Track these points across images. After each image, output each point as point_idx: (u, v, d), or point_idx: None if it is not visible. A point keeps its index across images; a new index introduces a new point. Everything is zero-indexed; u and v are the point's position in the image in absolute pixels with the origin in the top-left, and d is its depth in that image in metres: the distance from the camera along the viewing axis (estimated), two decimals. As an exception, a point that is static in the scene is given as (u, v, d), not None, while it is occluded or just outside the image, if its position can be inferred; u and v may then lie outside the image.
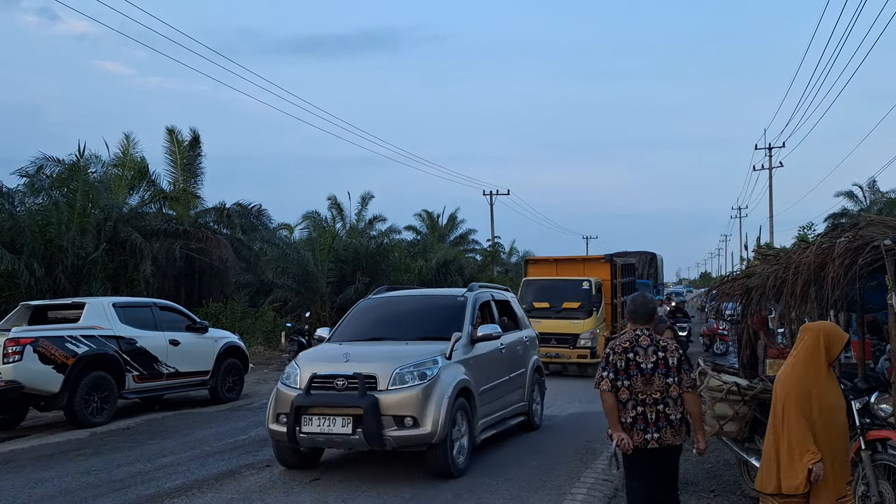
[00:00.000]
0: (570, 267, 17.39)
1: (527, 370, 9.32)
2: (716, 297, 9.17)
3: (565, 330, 15.51)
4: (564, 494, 6.45)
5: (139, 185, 20.69)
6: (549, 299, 16.03)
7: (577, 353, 15.47)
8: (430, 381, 6.86)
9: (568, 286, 16.21)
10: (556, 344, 15.45)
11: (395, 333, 7.96)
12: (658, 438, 4.53)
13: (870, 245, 5.13)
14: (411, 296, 9.47)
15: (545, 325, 14.87)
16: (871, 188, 32.39)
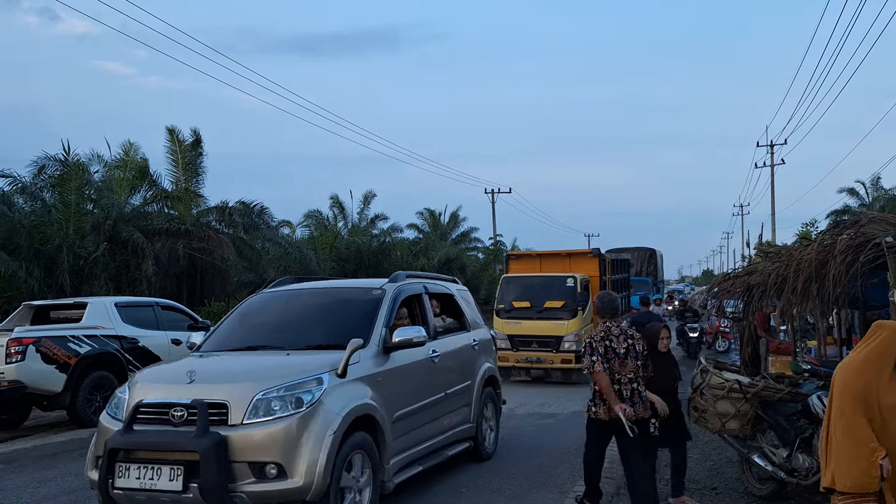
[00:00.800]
0: (555, 262, 15.99)
1: (474, 383, 7.45)
2: (717, 295, 9.16)
3: (547, 332, 14.04)
4: (566, 493, 6.45)
5: (141, 185, 20.71)
6: (530, 298, 14.53)
7: (561, 357, 13.97)
8: (308, 410, 4.87)
9: (550, 283, 14.65)
10: (538, 347, 14.09)
11: (281, 340, 5.99)
12: (633, 411, 5.49)
13: (871, 242, 5.13)
14: (315, 290, 7.16)
15: (525, 326, 14.15)
16: (875, 185, 32.31)
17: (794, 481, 5.65)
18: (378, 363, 5.73)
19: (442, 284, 7.92)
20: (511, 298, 14.65)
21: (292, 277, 7.63)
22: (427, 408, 6.38)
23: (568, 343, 13.90)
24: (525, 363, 14.14)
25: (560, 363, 13.95)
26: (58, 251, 16.04)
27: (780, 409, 5.93)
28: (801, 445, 5.62)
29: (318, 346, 5.75)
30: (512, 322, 14.28)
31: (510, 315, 14.41)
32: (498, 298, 14.88)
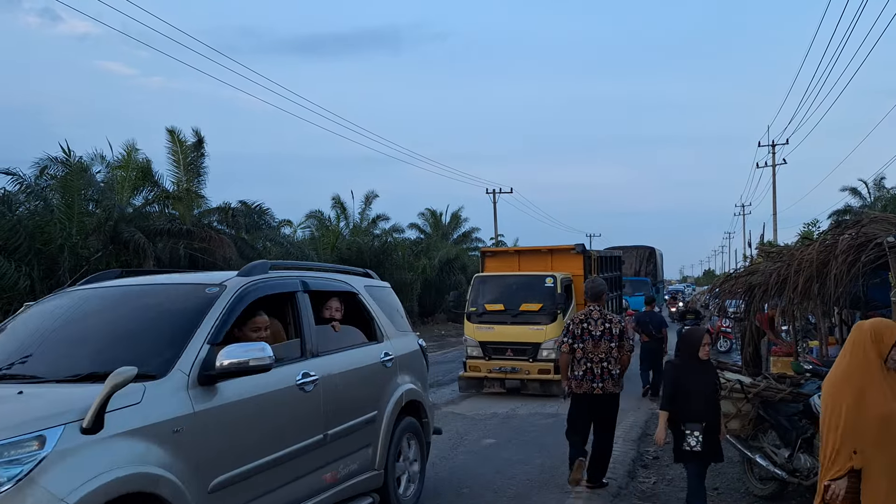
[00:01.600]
0: (535, 260, 14.24)
1: (383, 414, 5.46)
2: (719, 295, 9.15)
3: (523, 338, 12.50)
4: (568, 493, 6.44)
5: (143, 186, 20.72)
6: (505, 300, 12.96)
7: (539, 366, 12.34)
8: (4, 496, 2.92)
9: (527, 283, 13.03)
10: (513, 356, 12.55)
11: (40, 366, 4.00)
12: (602, 387, 6.43)
13: (873, 242, 5.12)
14: (129, 289, 4.84)
15: (499, 332, 12.68)
16: (877, 185, 32.24)
17: (795, 481, 5.64)
18: (184, 402, 3.69)
19: (336, 279, 5.77)
20: (483, 301, 13.09)
21: (119, 271, 5.35)
22: (289, 459, 4.37)
23: (546, 351, 12.27)
24: (498, 373, 12.61)
25: (537, 373, 12.34)
26: (59, 252, 16.05)
27: (782, 409, 5.92)
28: (803, 445, 5.61)
29: (91, 375, 3.67)
30: (484, 327, 12.84)
31: (482, 319, 12.91)
32: (469, 300, 13.29)
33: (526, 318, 12.55)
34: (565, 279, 13.01)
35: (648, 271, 30.33)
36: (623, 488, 6.68)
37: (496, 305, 12.88)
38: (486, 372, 12.68)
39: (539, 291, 12.66)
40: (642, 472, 7.34)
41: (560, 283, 12.67)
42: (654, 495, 6.49)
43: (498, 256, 15.05)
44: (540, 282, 12.82)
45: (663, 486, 6.80)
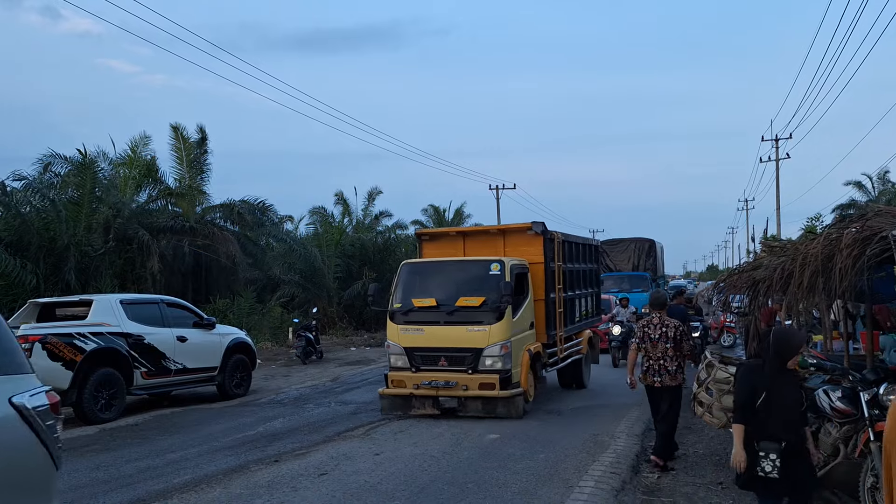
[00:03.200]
0: (485, 243, 11.41)
1: None
2: (723, 290, 9.13)
3: (460, 343, 9.84)
4: (572, 487, 6.45)
5: (146, 183, 20.76)
6: (439, 293, 10.22)
7: (481, 380, 9.68)
8: None
9: (467, 272, 10.43)
10: (448, 366, 9.92)
11: None
12: (660, 381, 7.46)
13: (878, 236, 5.09)
14: None
15: (430, 335, 10.07)
16: (882, 178, 32.16)
17: (800, 476, 5.62)
18: None
19: None
20: (411, 294, 10.36)
21: None
22: None
23: (491, 359, 9.69)
24: (429, 389, 9.90)
25: (478, 389, 9.71)
26: (66, 249, 16.09)
27: (787, 403, 5.91)
28: (808, 440, 5.59)
29: None
30: (411, 329, 10.17)
31: (409, 319, 10.20)
32: (393, 295, 10.57)
33: (464, 316, 9.93)
34: (517, 266, 10.39)
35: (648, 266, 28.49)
36: (627, 483, 6.69)
37: (426, 300, 10.13)
38: (411, 388, 10.00)
39: (482, 282, 10.02)
40: (646, 467, 7.34)
41: (509, 270, 9.99)
42: (658, 490, 6.49)
43: (438, 240, 11.89)
44: (483, 269, 10.14)
45: (667, 480, 6.80)
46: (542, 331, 11.05)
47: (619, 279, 26.10)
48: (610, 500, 6.11)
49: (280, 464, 7.57)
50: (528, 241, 11.16)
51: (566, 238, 12.18)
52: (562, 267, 11.61)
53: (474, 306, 9.91)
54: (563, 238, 11.89)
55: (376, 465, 7.36)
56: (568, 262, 12.06)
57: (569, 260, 12.14)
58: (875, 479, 4.82)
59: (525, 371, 10.14)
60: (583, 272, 13.18)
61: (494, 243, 11.34)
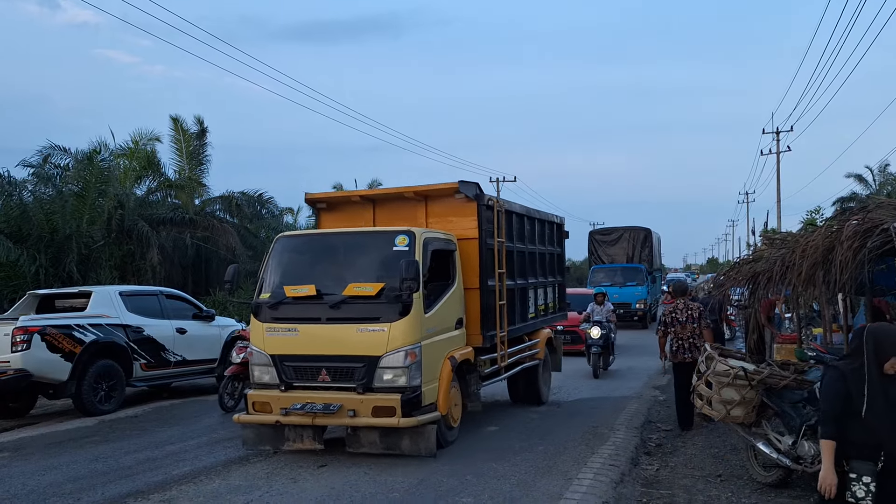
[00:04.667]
0: (401, 212, 8.58)
1: None
2: (723, 283, 9.12)
3: (347, 348, 7.12)
4: (571, 479, 6.45)
5: (146, 175, 20.75)
6: (322, 278, 7.48)
7: (376, 402, 6.93)
8: None
9: (362, 248, 7.68)
10: (331, 382, 7.18)
11: None
12: (691, 356, 8.35)
13: (879, 228, 5.08)
14: None
15: (306, 337, 7.25)
16: (882, 171, 32.10)
17: (799, 469, 5.64)
18: None
19: None
20: (285, 280, 7.55)
21: None
22: None
23: (390, 372, 6.93)
24: (302, 415, 7.04)
25: (371, 415, 6.90)
26: (67, 240, 16.09)
27: (786, 396, 5.91)
28: (807, 433, 5.59)
29: None
30: (281, 329, 7.33)
31: (279, 315, 7.40)
32: (259, 280, 7.81)
33: (355, 310, 7.11)
34: (436, 241, 7.69)
35: (643, 257, 26.20)
36: (626, 475, 6.69)
37: (302, 288, 7.31)
38: (278, 413, 7.13)
39: (384, 263, 7.32)
40: (645, 459, 7.34)
41: (422, 246, 7.28)
42: (657, 482, 6.49)
43: (339, 208, 8.98)
44: (384, 245, 7.41)
45: (666, 472, 6.80)
46: (475, 331, 8.22)
47: (612, 272, 24.55)
48: (609, 491, 6.11)
49: (279, 455, 7.57)
50: (457, 210, 8.35)
51: (513, 209, 9.42)
52: (506, 246, 8.86)
53: (369, 296, 7.02)
54: (507, 208, 9.11)
55: (375, 458, 7.35)
56: (518, 240, 9.52)
57: (519, 238, 9.59)
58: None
59: (445, 387, 7.34)
60: (540, 256, 10.51)
61: (414, 212, 8.51)
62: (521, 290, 9.70)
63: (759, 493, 5.99)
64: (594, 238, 27.60)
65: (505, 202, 9.19)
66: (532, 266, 10.20)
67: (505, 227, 8.96)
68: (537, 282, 10.41)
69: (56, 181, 17.16)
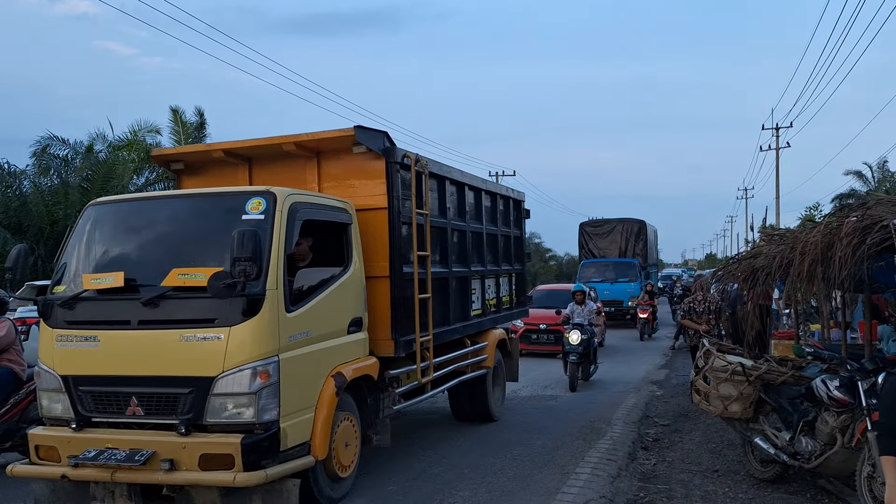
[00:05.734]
0: (285, 172, 6.53)
1: None
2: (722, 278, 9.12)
3: (165, 367, 4.83)
4: (568, 474, 6.46)
5: (146, 166, 20.73)
6: (137, 263, 5.21)
7: (205, 448, 4.64)
8: None
9: (197, 219, 5.41)
10: (144, 415, 4.88)
11: None
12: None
13: (878, 224, 5.07)
14: None
15: (109, 349, 4.98)
16: (881, 168, 32.10)
17: (796, 464, 5.65)
18: None
19: None
20: (85, 266, 5.38)
21: None
22: None
23: (230, 401, 4.73)
24: (100, 467, 4.74)
25: (199, 467, 4.66)
26: (66, 231, 16.12)
27: (784, 391, 5.92)
28: (804, 428, 5.60)
29: None
30: (76, 337, 5.10)
31: (74, 318, 5.16)
32: (57, 269, 5.48)
33: (178, 309, 4.93)
34: (314, 207, 5.56)
35: (637, 251, 24.50)
36: (623, 469, 6.70)
37: (106, 277, 5.08)
38: (66, 462, 4.89)
39: (216, 239, 5.11)
40: (643, 454, 7.36)
41: (286, 214, 5.14)
42: (654, 476, 6.51)
43: (204, 171, 6.91)
44: (230, 212, 5.17)
45: (663, 467, 6.82)
46: (383, 335, 6.27)
47: (603, 267, 23.22)
48: (606, 486, 6.12)
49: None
50: (361, 170, 6.34)
51: (447, 174, 7.43)
52: (434, 222, 7.00)
53: (199, 287, 4.72)
54: (436, 171, 7.14)
55: (370, 454, 7.35)
56: (456, 216, 7.71)
57: (458, 214, 7.78)
58: (872, 468, 4.83)
59: (324, 418, 5.24)
60: (490, 238, 8.63)
61: (303, 174, 6.48)
62: (460, 281, 7.74)
63: (757, 489, 6.00)
64: (585, 230, 25.98)
65: (433, 163, 7.04)
66: (477, 250, 8.26)
67: (434, 197, 7.11)
68: (485, 270, 8.42)
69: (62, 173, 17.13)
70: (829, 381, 5.30)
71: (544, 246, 48.15)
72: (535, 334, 14.91)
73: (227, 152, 6.63)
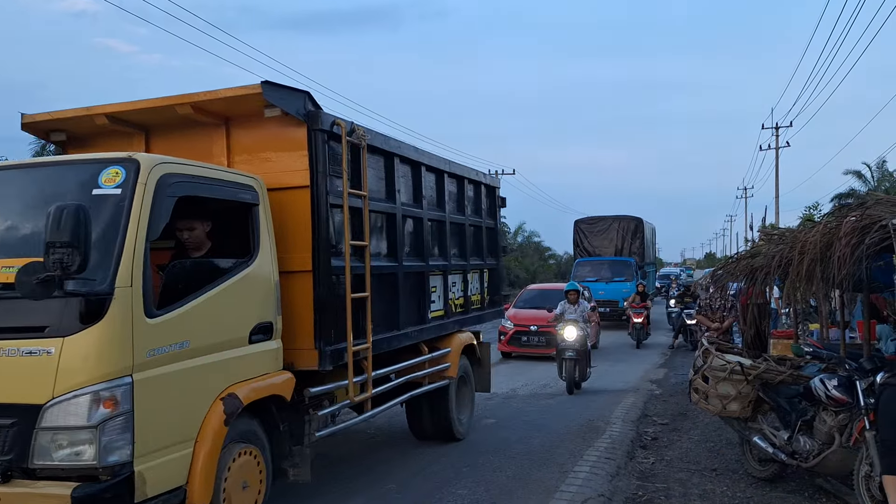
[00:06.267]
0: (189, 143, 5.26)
1: None
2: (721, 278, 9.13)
3: None
4: (567, 472, 6.47)
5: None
6: None
7: (29, 499, 3.48)
8: None
9: (33, 194, 4.12)
10: None
11: None
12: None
13: (877, 224, 5.07)
14: None
15: None
16: (880, 168, 32.12)
17: (794, 463, 5.65)
18: None
19: None
20: None
21: None
22: None
23: (63, 436, 3.52)
24: None
25: None
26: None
27: (782, 391, 5.93)
28: (803, 428, 5.61)
29: None
30: None
31: None
32: None
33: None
34: (197, 182, 4.39)
35: (634, 249, 23.51)
36: (622, 468, 6.71)
37: None
38: None
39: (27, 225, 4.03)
40: (641, 453, 7.36)
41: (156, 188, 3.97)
42: (652, 475, 6.52)
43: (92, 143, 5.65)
44: (78, 185, 3.94)
45: (662, 466, 6.82)
46: (304, 344, 5.11)
47: (598, 265, 22.40)
48: (605, 484, 6.13)
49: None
50: (276, 140, 5.25)
51: (394, 149, 6.22)
52: (372, 205, 5.74)
53: (6, 284, 3.64)
54: (378, 144, 5.93)
55: (368, 454, 7.36)
56: (408, 200, 6.53)
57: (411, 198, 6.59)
58: (870, 467, 4.84)
59: (208, 455, 4.09)
60: (455, 228, 7.52)
61: (209, 145, 5.35)
62: (414, 277, 6.58)
63: (755, 488, 6.01)
64: (579, 228, 25.03)
65: (375, 135, 5.81)
66: (439, 242, 7.14)
67: (379, 177, 5.97)
68: (449, 265, 7.25)
69: None
70: (827, 380, 5.31)
71: (544, 245, 48.12)
72: (526, 336, 14.25)
73: (112, 118, 5.28)
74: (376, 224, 5.95)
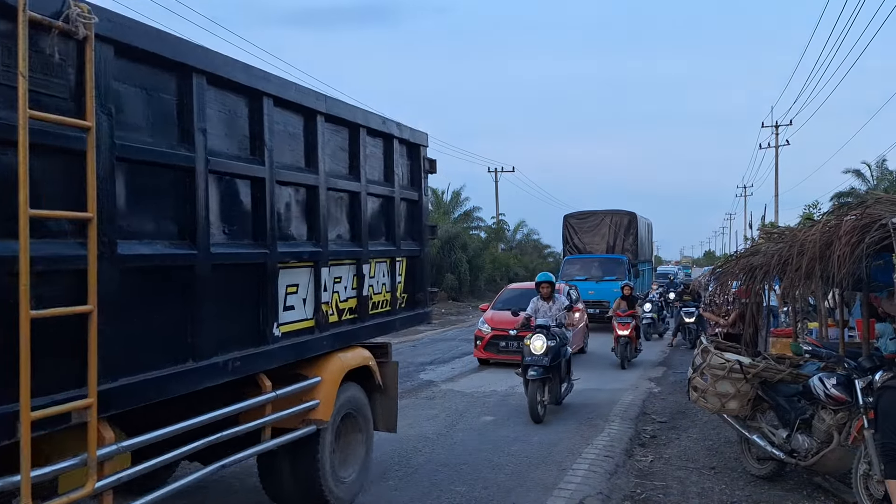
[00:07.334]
0: None
1: None
2: (720, 276, 9.13)
3: None
4: (565, 470, 6.47)
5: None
6: None
7: None
8: None
9: None
10: None
11: None
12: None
13: (877, 223, 5.07)
14: None
15: None
16: (880, 166, 32.11)
17: (793, 462, 5.66)
18: None
19: None
20: None
21: None
22: None
23: None
24: None
25: None
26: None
27: (781, 389, 5.93)
28: (801, 426, 5.61)
29: None
30: None
31: None
32: None
33: None
34: None
35: (627, 246, 21.84)
36: (620, 466, 6.71)
37: None
38: None
39: None
40: (640, 451, 7.37)
41: None
42: (651, 473, 6.52)
43: None
44: None
45: (660, 464, 6.83)
46: None
47: (588, 263, 20.79)
48: (603, 483, 6.13)
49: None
50: None
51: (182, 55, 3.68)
52: (121, 147, 3.27)
53: None
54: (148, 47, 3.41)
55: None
56: (231, 149, 4.15)
57: (245, 148, 4.27)
58: (868, 465, 4.84)
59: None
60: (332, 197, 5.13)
61: None
62: (239, 272, 4.19)
63: (753, 486, 6.02)
64: (569, 223, 23.19)
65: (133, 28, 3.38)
66: (305, 217, 4.87)
67: (159, 105, 3.59)
68: (323, 251, 4.97)
69: None
70: (826, 379, 5.31)
71: (543, 242, 48.09)
72: (504, 341, 12.61)
73: None
74: (136, 181, 3.41)
